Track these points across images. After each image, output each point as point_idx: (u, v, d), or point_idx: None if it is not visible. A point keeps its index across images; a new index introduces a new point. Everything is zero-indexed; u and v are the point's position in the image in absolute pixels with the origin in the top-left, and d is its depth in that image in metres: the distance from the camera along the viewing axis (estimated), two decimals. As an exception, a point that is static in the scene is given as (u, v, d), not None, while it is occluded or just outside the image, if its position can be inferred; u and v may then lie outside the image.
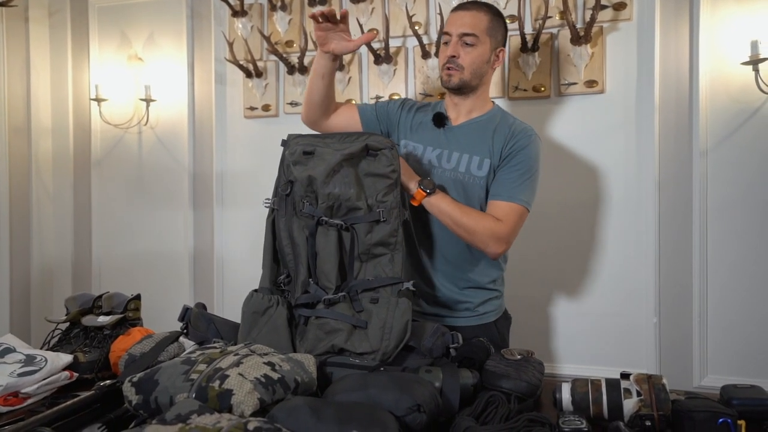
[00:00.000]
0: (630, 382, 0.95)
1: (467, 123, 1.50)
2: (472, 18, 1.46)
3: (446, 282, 1.49)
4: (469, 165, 1.45)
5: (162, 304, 2.11)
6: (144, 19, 2.70)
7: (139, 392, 0.87)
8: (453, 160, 1.47)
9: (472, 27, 1.45)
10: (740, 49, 1.90)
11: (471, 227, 1.37)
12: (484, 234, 1.38)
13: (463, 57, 1.45)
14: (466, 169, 1.45)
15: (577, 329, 2.14)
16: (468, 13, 1.46)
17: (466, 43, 1.45)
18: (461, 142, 1.48)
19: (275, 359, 0.93)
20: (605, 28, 2.08)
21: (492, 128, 1.48)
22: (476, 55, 1.46)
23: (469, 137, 1.48)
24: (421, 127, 1.53)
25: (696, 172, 2.00)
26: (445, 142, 1.49)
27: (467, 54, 1.45)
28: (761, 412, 0.94)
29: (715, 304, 2.01)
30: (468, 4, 1.50)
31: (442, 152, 1.48)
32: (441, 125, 1.50)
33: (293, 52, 2.44)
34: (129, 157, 2.74)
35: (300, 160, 1.23)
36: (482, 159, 1.45)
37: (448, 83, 1.47)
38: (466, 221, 1.37)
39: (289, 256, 1.25)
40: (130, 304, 1.40)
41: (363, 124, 1.56)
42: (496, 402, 0.95)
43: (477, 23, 1.46)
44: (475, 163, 1.45)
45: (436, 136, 1.50)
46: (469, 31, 1.44)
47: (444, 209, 1.36)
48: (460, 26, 1.45)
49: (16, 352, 1.16)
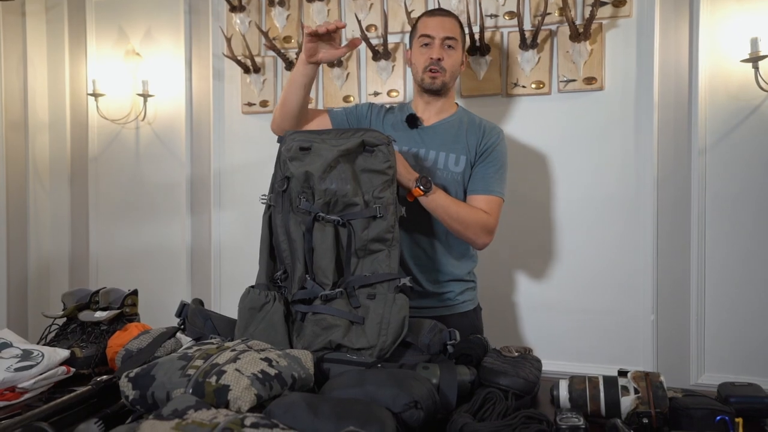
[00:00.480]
0: (627, 379, 0.95)
1: (439, 123, 1.58)
2: (451, 23, 1.55)
3: (426, 275, 1.54)
4: (447, 162, 1.53)
5: (159, 299, 2.11)
6: (141, 14, 2.69)
7: (136, 387, 0.87)
8: (430, 158, 1.54)
9: (453, 31, 1.54)
10: (740, 46, 1.89)
11: (465, 220, 1.45)
12: (477, 226, 1.47)
13: (446, 60, 1.53)
14: (444, 166, 1.52)
15: (575, 327, 2.14)
16: (447, 19, 1.56)
17: (449, 46, 1.53)
18: (436, 140, 1.55)
19: (272, 355, 0.93)
20: (605, 25, 2.08)
21: (463, 127, 1.57)
22: (456, 58, 1.56)
23: (444, 136, 1.55)
24: (394, 128, 1.57)
25: (694, 169, 2.00)
26: (420, 141, 1.55)
27: (449, 57, 1.54)
28: (759, 409, 0.94)
29: (713, 302, 2.01)
30: (442, 11, 1.60)
31: (419, 151, 1.54)
32: (414, 125, 1.56)
33: (291, 47, 2.44)
34: (126, 153, 2.73)
35: (296, 155, 1.23)
36: (458, 156, 1.53)
37: (432, 85, 1.54)
38: (462, 215, 1.45)
39: (285, 252, 1.25)
40: (128, 300, 1.40)
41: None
42: (493, 399, 0.95)
43: (455, 28, 1.56)
44: (452, 160, 1.53)
45: (410, 135, 1.56)
46: (451, 34, 1.53)
47: (441, 204, 1.42)
48: (443, 30, 1.53)
49: (13, 347, 1.16)
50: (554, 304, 2.18)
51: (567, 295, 2.13)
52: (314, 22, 2.39)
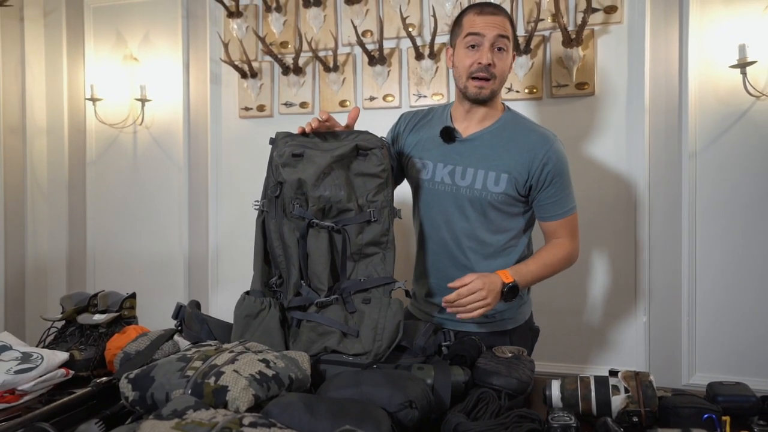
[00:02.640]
0: (618, 379, 0.97)
1: (479, 134, 1.40)
2: (502, 22, 1.34)
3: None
4: (486, 181, 1.36)
5: (157, 302, 2.12)
6: (139, 19, 2.70)
7: (135, 388, 0.88)
8: (468, 177, 1.38)
9: (505, 30, 1.33)
10: (728, 52, 1.92)
11: (556, 269, 1.42)
12: (564, 263, 1.43)
13: (497, 64, 1.33)
14: (482, 186, 1.36)
15: (567, 328, 2.16)
16: (498, 18, 1.33)
17: (500, 48, 1.33)
18: (475, 155, 1.38)
19: (270, 356, 0.95)
20: (596, 31, 2.11)
21: (506, 137, 1.38)
22: (507, 61, 1.36)
23: (483, 150, 1.38)
24: (428, 143, 1.44)
25: (685, 173, 2.03)
26: (458, 158, 1.39)
27: (500, 60, 1.34)
28: (746, 408, 0.96)
29: (704, 303, 2.04)
30: (491, 5, 1.37)
31: (455, 168, 1.39)
32: (451, 140, 1.40)
33: (288, 52, 2.46)
34: (124, 157, 2.74)
35: (289, 162, 1.22)
36: (498, 174, 1.36)
37: (479, 95, 1.35)
38: (554, 268, 1.41)
39: (280, 257, 1.24)
40: (126, 303, 1.41)
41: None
42: (486, 399, 0.97)
43: (507, 26, 1.35)
44: (492, 179, 1.36)
45: (446, 151, 1.41)
46: (503, 32, 1.33)
47: (532, 278, 1.37)
48: (495, 27, 1.32)
49: (13, 349, 1.17)
50: (546, 306, 2.19)
51: (559, 297, 2.15)
52: (311, 27, 2.42)
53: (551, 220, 1.41)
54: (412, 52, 2.26)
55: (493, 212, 1.38)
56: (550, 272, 1.41)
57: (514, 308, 1.46)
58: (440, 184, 1.41)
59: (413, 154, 1.47)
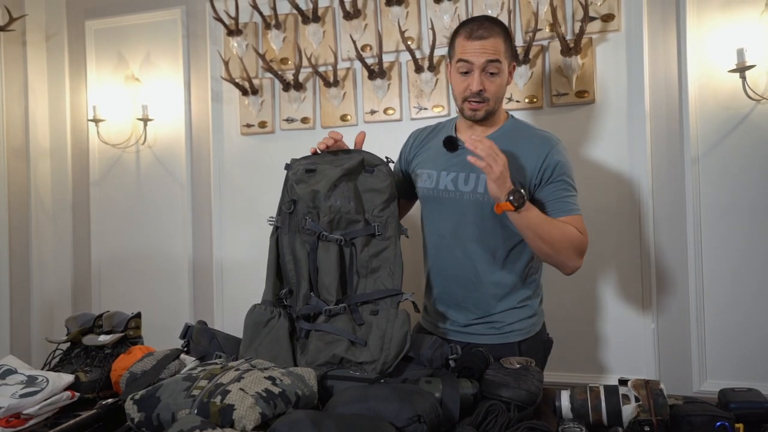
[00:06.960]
0: (628, 388, 0.96)
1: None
2: (493, 45, 1.35)
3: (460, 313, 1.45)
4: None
5: (162, 321, 2.12)
6: (140, 40, 2.73)
7: (141, 409, 0.87)
8: (471, 182, 1.40)
9: (495, 53, 1.35)
10: (727, 57, 1.93)
11: (557, 243, 1.31)
12: (570, 249, 1.33)
13: (488, 88, 1.37)
14: (485, 190, 1.36)
15: (575, 337, 2.14)
16: (488, 42, 1.35)
17: (490, 73, 1.36)
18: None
19: (276, 373, 0.94)
20: (594, 39, 2.12)
21: (509, 143, 1.39)
22: (500, 82, 1.39)
23: None
24: (433, 153, 1.49)
25: (688, 178, 2.03)
26: (460, 165, 1.41)
27: (492, 84, 1.37)
28: (759, 414, 0.95)
29: (712, 309, 2.02)
30: (482, 29, 1.36)
31: (458, 175, 1.42)
32: (454, 148, 1.43)
33: (288, 69, 2.48)
34: (127, 177, 2.76)
35: (303, 178, 1.30)
36: None
37: (474, 117, 1.40)
38: (555, 237, 1.30)
39: (291, 271, 1.29)
40: (131, 323, 1.41)
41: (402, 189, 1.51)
42: (496, 411, 0.96)
43: (497, 49, 1.36)
44: None
45: (449, 159, 1.44)
46: (493, 57, 1.35)
47: (532, 223, 1.28)
48: (484, 54, 1.34)
49: (18, 373, 1.16)
50: (553, 314, 2.18)
51: (566, 305, 2.13)
52: (310, 43, 2.44)
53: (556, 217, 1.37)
54: (412, 65, 2.28)
55: (496, 216, 1.38)
56: (555, 234, 1.31)
57: (522, 319, 1.44)
58: (444, 192, 1.44)
59: (421, 167, 1.52)
